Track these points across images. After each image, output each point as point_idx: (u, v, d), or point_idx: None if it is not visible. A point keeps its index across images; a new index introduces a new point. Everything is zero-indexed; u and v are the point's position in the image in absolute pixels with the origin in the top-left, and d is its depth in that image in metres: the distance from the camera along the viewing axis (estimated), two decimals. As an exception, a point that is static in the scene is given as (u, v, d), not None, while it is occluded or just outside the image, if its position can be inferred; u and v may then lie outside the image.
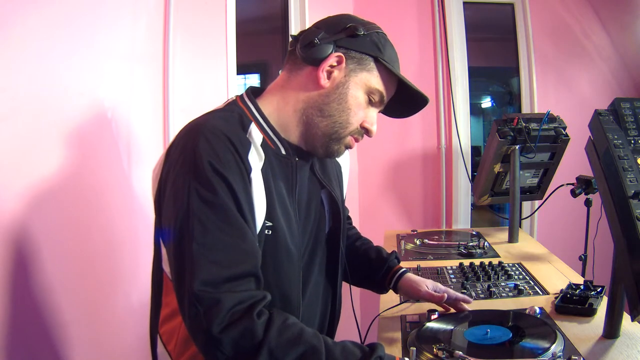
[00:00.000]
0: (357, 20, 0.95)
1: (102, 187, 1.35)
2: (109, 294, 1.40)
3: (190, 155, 0.81)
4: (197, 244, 0.77)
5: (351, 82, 0.91)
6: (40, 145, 1.13)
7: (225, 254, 0.78)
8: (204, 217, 0.78)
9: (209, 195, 0.78)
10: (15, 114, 1.06)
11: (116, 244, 1.42)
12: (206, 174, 0.79)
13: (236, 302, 0.75)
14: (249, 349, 0.73)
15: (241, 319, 0.74)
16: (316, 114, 0.92)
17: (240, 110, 0.93)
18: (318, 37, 0.91)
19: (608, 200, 0.95)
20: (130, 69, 1.47)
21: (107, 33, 1.37)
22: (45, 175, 1.15)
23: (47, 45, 1.15)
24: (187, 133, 0.85)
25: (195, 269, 0.76)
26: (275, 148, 0.93)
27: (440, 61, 2.70)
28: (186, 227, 0.78)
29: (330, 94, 0.91)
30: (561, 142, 1.97)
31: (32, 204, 1.11)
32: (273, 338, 0.74)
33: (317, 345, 0.74)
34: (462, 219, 2.77)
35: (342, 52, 0.91)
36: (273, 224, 0.88)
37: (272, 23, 2.59)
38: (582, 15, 2.76)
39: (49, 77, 1.16)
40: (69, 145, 1.23)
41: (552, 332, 0.99)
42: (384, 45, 0.93)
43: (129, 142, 1.48)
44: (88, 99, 1.30)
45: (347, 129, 0.93)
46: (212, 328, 0.73)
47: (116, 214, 1.42)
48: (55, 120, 1.17)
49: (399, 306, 1.28)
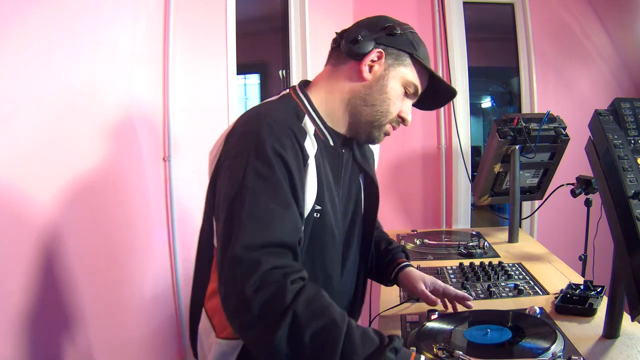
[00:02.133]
0: (394, 21, 1.04)
1: (102, 187, 1.35)
2: (123, 286, 1.42)
3: (253, 138, 0.87)
4: (246, 212, 0.82)
5: (390, 75, 1.01)
6: (41, 145, 1.13)
7: (270, 224, 0.82)
8: (258, 189, 0.83)
9: (266, 171, 0.84)
10: (15, 115, 1.06)
11: (123, 243, 1.43)
12: (267, 153, 0.85)
13: (273, 266, 0.79)
14: (276, 311, 0.75)
15: (275, 282, 0.77)
16: (360, 103, 1.01)
17: (294, 102, 1.01)
18: (361, 35, 0.99)
19: (608, 200, 0.95)
20: (130, 69, 1.47)
21: (107, 33, 1.37)
22: (45, 175, 1.15)
23: (47, 46, 1.15)
24: (250, 120, 0.92)
25: (239, 235, 0.80)
26: (325, 139, 1.02)
27: (440, 61, 2.70)
28: (239, 198, 0.83)
29: (372, 85, 1.00)
30: (561, 142, 1.96)
31: (32, 203, 1.11)
32: (300, 305, 0.75)
33: (340, 322, 0.75)
34: (462, 219, 2.77)
35: (381, 48, 1.00)
36: (322, 208, 0.97)
37: (272, 23, 2.59)
38: (582, 15, 2.76)
39: (49, 77, 1.16)
40: (69, 145, 1.23)
41: (552, 332, 0.99)
42: (417, 43, 1.03)
43: (129, 142, 1.48)
44: (88, 99, 1.30)
45: (387, 117, 1.03)
46: (246, 288, 0.76)
47: (120, 213, 1.42)
48: (55, 121, 1.17)
49: (399, 306, 1.28)
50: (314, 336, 0.74)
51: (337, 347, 0.73)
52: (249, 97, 2.72)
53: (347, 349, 0.73)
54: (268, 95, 2.78)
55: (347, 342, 0.73)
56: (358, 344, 0.74)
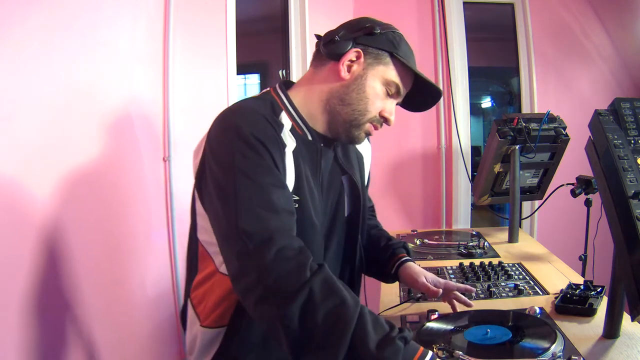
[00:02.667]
0: (375, 21, 1.04)
1: (102, 187, 1.35)
2: (123, 286, 1.43)
3: (232, 127, 0.89)
4: (244, 190, 0.84)
5: (369, 74, 1.00)
6: (40, 145, 1.13)
7: (270, 195, 0.84)
8: (248, 171, 0.85)
9: (251, 153, 0.87)
10: (15, 114, 1.06)
11: (123, 243, 1.43)
12: (249, 139, 0.87)
13: (287, 244, 0.81)
14: (293, 284, 0.76)
15: (293, 258, 0.79)
16: (338, 103, 1.01)
17: (272, 98, 1.03)
18: (339, 35, 1.00)
19: (608, 200, 0.95)
20: (130, 69, 1.48)
21: (107, 33, 1.37)
22: (45, 174, 1.15)
23: (47, 46, 1.15)
24: (226, 114, 0.94)
25: (242, 212, 0.82)
26: (303, 134, 1.02)
27: (440, 61, 2.70)
28: (234, 179, 0.85)
29: (350, 84, 1.00)
30: (561, 142, 1.97)
31: (32, 203, 1.11)
32: (317, 282, 0.76)
33: (353, 305, 0.76)
34: (462, 219, 2.77)
35: (360, 48, 1.00)
36: (300, 199, 0.96)
37: (272, 23, 2.59)
38: (582, 15, 2.76)
39: (49, 77, 1.16)
40: (69, 145, 1.23)
41: (552, 332, 0.99)
42: (399, 42, 1.02)
43: (130, 141, 1.49)
44: (88, 99, 1.30)
45: (366, 116, 1.02)
46: (265, 261, 0.77)
47: (120, 213, 1.43)
48: (55, 120, 1.17)
49: (399, 306, 1.28)
50: (327, 315, 0.74)
51: (349, 328, 0.73)
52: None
53: (359, 331, 0.73)
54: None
55: (359, 325, 0.74)
56: (370, 329, 0.74)
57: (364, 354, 0.72)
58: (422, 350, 0.78)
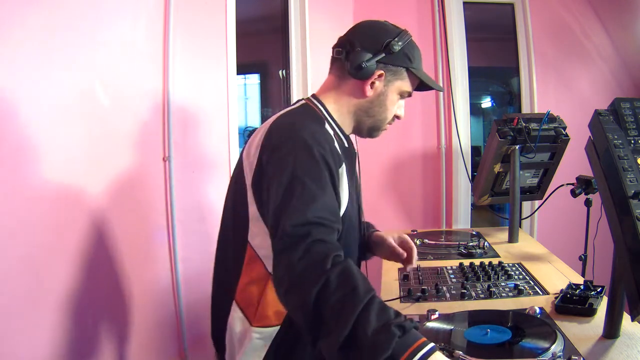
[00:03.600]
0: (392, 32, 1.12)
1: (102, 187, 1.35)
2: (123, 286, 1.44)
3: (299, 141, 0.96)
4: (296, 197, 0.90)
5: (389, 90, 1.14)
6: (40, 145, 1.13)
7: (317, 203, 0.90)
8: (306, 181, 0.91)
9: (313, 169, 0.94)
10: (15, 114, 1.06)
11: (122, 243, 1.43)
12: (313, 152, 0.95)
13: (320, 238, 0.86)
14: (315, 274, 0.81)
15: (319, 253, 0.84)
16: (364, 115, 1.16)
17: (313, 111, 1.13)
18: (365, 61, 1.09)
19: (608, 200, 0.95)
20: (130, 68, 1.48)
21: (107, 33, 1.37)
22: (45, 174, 1.15)
23: (47, 46, 1.15)
24: (289, 128, 1.01)
25: (289, 215, 0.88)
26: (341, 141, 1.13)
27: (440, 61, 2.70)
28: (291, 187, 0.91)
29: (374, 100, 1.14)
30: (561, 142, 1.97)
31: (31, 202, 1.11)
32: (335, 273, 0.81)
33: (362, 295, 0.79)
34: (462, 219, 2.77)
35: (382, 67, 1.11)
36: (347, 207, 1.06)
37: (272, 23, 2.60)
38: (582, 15, 2.76)
39: (49, 77, 1.16)
40: (69, 145, 1.23)
41: (552, 332, 0.99)
42: (412, 53, 1.13)
43: (129, 141, 1.49)
44: (88, 99, 1.30)
45: (386, 122, 1.18)
46: (294, 255, 0.83)
47: (120, 213, 1.42)
48: (55, 121, 1.17)
49: (399, 305, 1.28)
50: (337, 301, 0.79)
51: (354, 313, 0.77)
52: (249, 97, 2.72)
53: (362, 317, 0.77)
54: (268, 95, 2.79)
55: (363, 311, 0.77)
56: (373, 315, 0.77)
57: (361, 338, 0.75)
58: (422, 341, 0.78)
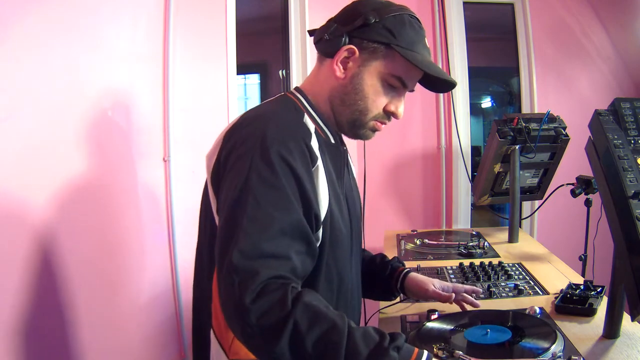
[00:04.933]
0: (372, 6, 0.92)
1: (102, 187, 1.35)
2: (123, 286, 1.43)
3: (257, 140, 0.82)
4: (247, 217, 0.78)
5: (365, 71, 0.92)
6: (40, 146, 1.13)
7: (270, 231, 0.78)
8: (259, 195, 0.79)
9: (270, 176, 0.80)
10: (15, 115, 1.06)
11: (123, 243, 1.43)
12: (271, 158, 0.81)
13: (272, 276, 0.75)
14: (276, 321, 0.72)
15: (274, 292, 0.74)
16: (339, 103, 0.96)
17: (292, 101, 0.97)
18: (329, 32, 0.92)
19: (608, 200, 0.95)
20: (130, 69, 1.47)
21: (107, 33, 1.37)
22: (44, 174, 1.15)
23: (47, 46, 1.15)
24: (254, 121, 0.87)
25: (238, 241, 0.76)
26: (326, 137, 0.97)
27: (440, 61, 2.70)
28: (241, 201, 0.79)
29: (347, 84, 0.93)
30: (561, 142, 1.97)
31: (30, 203, 1.11)
32: (299, 311, 0.73)
33: (340, 325, 0.74)
34: (462, 219, 2.77)
35: (355, 42, 0.91)
36: (329, 209, 0.91)
37: (272, 23, 2.59)
38: (582, 15, 2.76)
39: (48, 77, 1.16)
40: (68, 145, 1.23)
41: (552, 332, 0.99)
42: (399, 29, 0.91)
43: (129, 142, 1.48)
44: (88, 99, 1.30)
45: (368, 115, 0.95)
46: (245, 298, 0.73)
47: (120, 213, 1.42)
48: (55, 121, 1.17)
49: (399, 305, 1.28)
50: (316, 342, 0.72)
51: (340, 349, 0.72)
52: (249, 97, 2.72)
53: (350, 349, 0.72)
54: (268, 95, 2.79)
55: (349, 344, 0.72)
56: (360, 345, 0.73)
57: None
58: (417, 352, 0.77)
